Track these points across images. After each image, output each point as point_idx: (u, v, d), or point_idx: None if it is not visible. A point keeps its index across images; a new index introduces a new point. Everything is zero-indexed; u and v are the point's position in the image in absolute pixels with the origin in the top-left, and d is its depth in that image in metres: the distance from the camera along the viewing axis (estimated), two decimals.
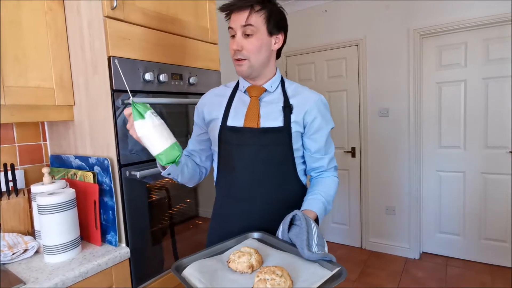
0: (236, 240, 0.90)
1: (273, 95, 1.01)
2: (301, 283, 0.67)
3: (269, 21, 0.92)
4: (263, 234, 0.91)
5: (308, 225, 0.79)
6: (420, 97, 2.78)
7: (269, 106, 0.99)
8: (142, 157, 1.21)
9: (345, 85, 3.08)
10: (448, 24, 2.55)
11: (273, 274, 0.66)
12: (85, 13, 1.12)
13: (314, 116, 0.98)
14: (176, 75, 1.32)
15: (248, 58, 0.93)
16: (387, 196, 2.97)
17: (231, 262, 0.76)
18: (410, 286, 2.43)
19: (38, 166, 1.36)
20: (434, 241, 2.88)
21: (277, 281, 0.65)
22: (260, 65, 0.96)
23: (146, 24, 1.20)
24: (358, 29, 2.92)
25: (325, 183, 1.01)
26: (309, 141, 1.00)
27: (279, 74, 1.04)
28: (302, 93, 1.01)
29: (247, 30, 0.91)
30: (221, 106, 1.03)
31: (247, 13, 0.90)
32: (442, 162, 2.78)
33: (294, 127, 0.97)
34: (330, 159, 1.04)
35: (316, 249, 0.75)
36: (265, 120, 0.96)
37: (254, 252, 0.78)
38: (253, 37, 0.92)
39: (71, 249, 1.05)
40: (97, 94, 1.14)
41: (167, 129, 0.80)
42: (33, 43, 1.10)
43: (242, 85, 1.03)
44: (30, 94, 1.10)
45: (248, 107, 0.99)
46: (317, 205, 0.94)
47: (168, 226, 1.34)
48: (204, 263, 0.78)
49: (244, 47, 0.92)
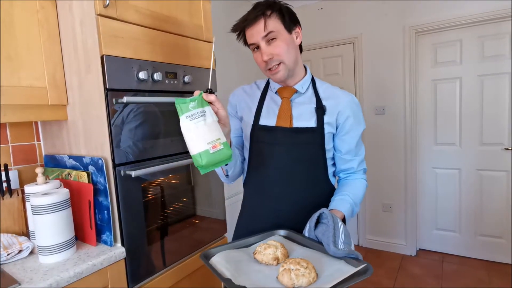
0: (262, 235, 0.92)
1: (304, 96, 1.01)
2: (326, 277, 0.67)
3: (284, 19, 0.93)
4: (290, 232, 0.92)
5: (335, 223, 0.79)
6: (416, 94, 2.79)
7: (301, 107, 0.99)
8: (137, 156, 1.21)
9: (341, 83, 3.08)
10: (443, 21, 2.55)
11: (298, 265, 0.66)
12: (77, 11, 1.11)
13: (347, 116, 0.98)
14: (170, 74, 1.32)
15: (281, 61, 0.94)
16: (383, 193, 2.98)
17: (257, 254, 0.78)
18: (407, 282, 2.44)
19: (32, 166, 1.35)
20: (430, 238, 2.90)
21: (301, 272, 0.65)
22: (293, 64, 0.97)
23: (139, 22, 1.19)
24: (354, 26, 2.92)
25: (353, 185, 1.01)
26: (340, 142, 1.00)
27: (309, 74, 1.05)
28: (334, 94, 1.01)
29: (270, 36, 0.92)
30: (251, 105, 1.06)
31: (262, 22, 0.91)
32: (438, 159, 2.79)
33: (327, 128, 0.97)
34: (360, 161, 1.03)
35: (343, 246, 0.75)
36: (298, 121, 0.98)
37: (280, 246, 0.79)
38: (277, 40, 0.92)
39: (66, 250, 1.04)
40: (91, 93, 1.13)
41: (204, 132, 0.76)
42: (25, 42, 1.09)
43: (273, 86, 1.04)
44: (23, 93, 1.09)
45: (280, 107, 1.00)
46: (344, 205, 0.94)
47: (164, 225, 1.33)
48: (230, 254, 0.81)
49: (274, 53, 0.93)
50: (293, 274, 0.64)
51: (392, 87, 2.82)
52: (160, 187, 1.33)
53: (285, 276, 0.65)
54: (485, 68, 2.52)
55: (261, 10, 0.91)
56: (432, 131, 2.79)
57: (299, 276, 0.64)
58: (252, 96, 1.08)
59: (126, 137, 1.16)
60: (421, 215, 2.91)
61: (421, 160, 2.87)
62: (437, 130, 2.77)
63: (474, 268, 2.58)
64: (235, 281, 0.68)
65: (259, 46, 0.93)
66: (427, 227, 2.90)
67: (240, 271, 0.72)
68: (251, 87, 1.12)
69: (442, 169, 2.79)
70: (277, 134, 0.98)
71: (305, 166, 0.98)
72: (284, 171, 0.98)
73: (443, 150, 2.76)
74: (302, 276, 0.64)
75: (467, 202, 2.71)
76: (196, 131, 0.75)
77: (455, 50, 2.61)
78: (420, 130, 2.84)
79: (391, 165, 2.92)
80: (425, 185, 2.87)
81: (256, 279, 0.69)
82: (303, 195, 0.98)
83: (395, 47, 2.76)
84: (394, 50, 2.77)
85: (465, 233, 2.74)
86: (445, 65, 2.66)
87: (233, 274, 0.70)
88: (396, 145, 2.87)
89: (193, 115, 0.76)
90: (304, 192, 0.99)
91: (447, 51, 2.64)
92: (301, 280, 0.64)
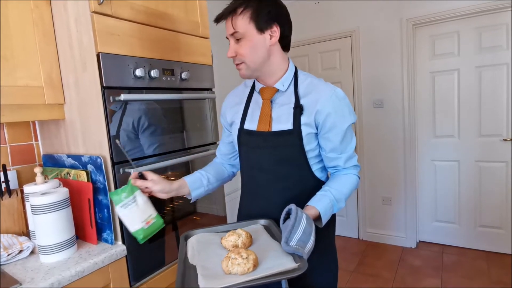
0: (247, 223, 0.99)
1: (285, 95, 0.99)
2: (263, 269, 0.72)
3: (256, 19, 0.89)
4: (270, 222, 0.97)
5: (296, 219, 0.79)
6: (414, 87, 2.79)
7: (281, 108, 0.98)
8: (135, 154, 1.20)
9: (339, 77, 3.07)
10: (440, 13, 2.54)
11: (238, 254, 0.72)
12: (72, 9, 1.10)
13: (327, 114, 0.93)
14: (167, 71, 1.31)
15: (243, 61, 0.94)
16: (383, 187, 2.99)
17: (223, 239, 0.86)
18: (407, 274, 2.46)
19: (30, 166, 1.34)
20: (430, 230, 2.91)
21: (238, 261, 0.71)
22: (259, 65, 0.94)
23: (135, 19, 1.18)
24: (351, 20, 2.90)
25: (340, 180, 0.98)
26: (323, 141, 0.97)
27: (292, 69, 1.00)
28: (314, 90, 0.96)
29: (236, 36, 0.91)
30: (240, 108, 1.07)
31: (230, 20, 0.90)
32: (436, 151, 2.80)
33: (306, 129, 0.94)
34: (347, 158, 0.99)
35: (295, 243, 0.76)
36: (277, 123, 0.97)
37: (245, 235, 0.85)
38: (243, 41, 0.91)
39: (67, 249, 1.04)
40: (88, 92, 1.12)
41: (137, 212, 0.93)
42: (20, 42, 1.08)
43: (257, 86, 1.04)
44: (19, 93, 1.08)
45: (261, 110, 1.00)
46: (323, 202, 0.92)
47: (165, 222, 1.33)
48: (206, 236, 0.90)
49: (237, 52, 0.93)
50: (230, 262, 0.72)
51: (390, 80, 2.82)
52: None
53: (224, 263, 0.73)
54: (482, 60, 2.52)
55: (234, 6, 0.89)
56: (430, 124, 2.79)
57: (234, 265, 0.71)
58: (241, 97, 1.09)
59: (124, 135, 1.15)
60: (421, 207, 2.92)
61: (420, 152, 2.87)
62: (436, 123, 2.77)
63: (473, 258, 2.59)
64: (190, 260, 0.78)
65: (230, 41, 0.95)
66: (427, 219, 2.91)
67: (202, 252, 0.80)
68: (241, 88, 1.13)
69: (441, 161, 2.79)
70: (258, 139, 0.99)
71: (289, 167, 0.98)
72: (269, 172, 1.00)
73: (442, 142, 2.77)
74: (238, 265, 0.70)
75: (466, 193, 2.72)
76: (131, 215, 0.92)
77: (452, 42, 2.60)
78: (419, 123, 2.84)
79: (390, 158, 2.92)
80: (424, 177, 2.88)
81: (209, 261, 0.77)
82: (290, 194, 0.99)
83: (392, 40, 2.75)
84: (392, 43, 2.76)
85: (465, 224, 2.75)
86: (443, 57, 2.66)
87: (193, 254, 0.79)
88: (395, 138, 2.87)
89: (126, 203, 0.92)
90: (291, 191, 0.99)
91: (444, 43, 2.63)
92: (235, 269, 0.70)
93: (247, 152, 1.04)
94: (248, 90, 1.08)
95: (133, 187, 0.94)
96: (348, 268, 2.63)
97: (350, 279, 2.47)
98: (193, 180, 1.08)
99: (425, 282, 2.34)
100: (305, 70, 3.22)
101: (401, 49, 2.72)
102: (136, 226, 0.92)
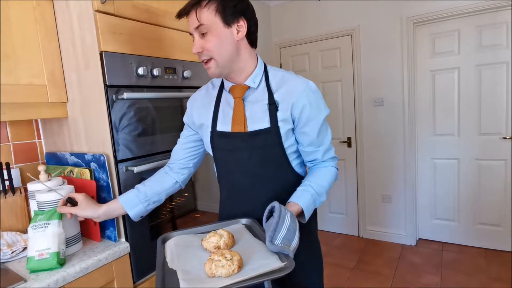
0: (227, 223, 0.94)
1: (257, 92, 0.95)
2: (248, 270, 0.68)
3: (223, 11, 0.85)
4: (252, 222, 0.93)
5: (280, 217, 0.77)
6: (414, 85, 2.79)
7: (254, 106, 0.94)
8: (138, 152, 1.21)
9: (339, 75, 3.08)
10: (440, 11, 2.54)
11: (221, 256, 0.69)
12: (75, 7, 1.10)
13: (302, 106, 0.91)
14: (169, 69, 1.31)
15: (212, 57, 0.88)
16: (383, 184, 3.00)
17: (204, 241, 0.81)
18: (407, 271, 2.48)
19: (33, 164, 1.35)
20: (429, 227, 2.93)
21: (222, 263, 0.68)
22: (228, 61, 0.90)
23: (137, 18, 1.19)
24: (352, 18, 2.90)
25: (319, 173, 0.98)
26: (300, 135, 0.95)
27: (261, 65, 0.97)
28: (287, 84, 0.93)
29: (202, 29, 0.86)
30: (210, 109, 1.00)
31: (194, 13, 0.86)
32: (436, 149, 2.81)
33: (284, 126, 0.92)
34: (325, 151, 0.99)
35: (280, 241, 0.74)
36: (252, 123, 0.93)
37: (227, 235, 0.81)
38: (209, 35, 0.86)
39: (72, 245, 1.05)
40: (90, 90, 1.13)
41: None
42: (22, 40, 1.09)
43: (226, 85, 0.98)
44: (22, 91, 1.08)
45: (233, 110, 0.95)
46: (304, 197, 0.91)
47: (167, 220, 1.34)
48: (184, 239, 0.84)
49: (203, 47, 0.87)
50: (213, 264, 0.68)
51: (390, 79, 2.82)
52: None
53: (207, 265, 0.69)
54: (482, 58, 2.52)
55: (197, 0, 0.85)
56: (430, 122, 2.80)
57: (218, 268, 0.67)
58: (209, 98, 1.03)
59: (125, 134, 1.16)
60: (421, 205, 2.94)
61: (420, 150, 2.88)
62: (436, 121, 2.78)
63: (473, 256, 2.61)
64: (170, 265, 0.73)
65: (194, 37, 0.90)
66: (427, 216, 2.93)
67: (181, 256, 0.76)
68: (207, 88, 1.06)
69: (441, 160, 2.80)
70: (235, 140, 0.95)
71: (268, 167, 0.96)
72: (249, 175, 0.96)
73: (442, 141, 2.78)
74: (222, 268, 0.67)
75: (465, 191, 2.73)
76: (34, 239, 0.94)
77: (453, 40, 2.61)
78: (419, 121, 2.85)
79: (390, 156, 2.93)
80: (424, 175, 2.89)
81: (190, 265, 0.72)
82: (272, 195, 0.97)
83: (393, 38, 2.76)
84: (392, 41, 2.76)
85: (464, 222, 2.77)
86: (443, 55, 2.66)
87: (172, 258, 0.74)
88: (395, 136, 2.88)
89: (36, 225, 0.95)
90: (273, 192, 0.97)
91: (445, 41, 2.64)
92: (220, 271, 0.67)
93: (224, 156, 0.99)
94: (216, 90, 1.02)
95: (54, 215, 0.97)
96: (348, 265, 2.65)
97: (350, 276, 2.49)
98: (126, 200, 1.01)
99: (424, 279, 2.36)
100: (305, 68, 3.23)
101: (401, 47, 2.73)
102: (31, 252, 0.94)
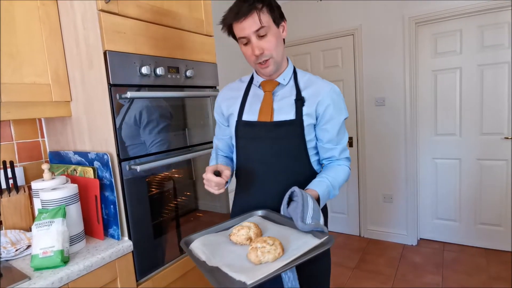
0: (242, 217, 0.96)
1: (286, 89, 1.03)
2: (292, 251, 0.71)
3: (273, 13, 0.93)
4: (267, 212, 0.96)
5: (304, 200, 0.81)
6: (416, 85, 2.79)
7: (282, 100, 1.01)
8: (141, 151, 1.21)
9: (341, 75, 3.08)
10: (442, 11, 2.54)
11: (264, 242, 0.71)
12: (79, 7, 1.11)
13: (327, 105, 0.98)
14: (172, 69, 1.32)
15: (271, 56, 0.95)
16: (384, 184, 3.00)
17: (232, 235, 0.83)
18: (408, 271, 2.48)
19: (37, 163, 1.36)
20: (431, 227, 2.93)
21: (267, 249, 0.69)
22: (281, 58, 0.98)
23: (140, 17, 1.19)
24: (353, 18, 2.90)
25: (334, 169, 1.03)
26: (321, 132, 1.01)
27: (291, 66, 1.05)
28: (314, 84, 1.02)
29: (262, 32, 0.91)
30: (237, 101, 1.07)
31: (256, 16, 0.89)
32: (438, 149, 2.81)
33: (307, 120, 0.98)
34: (341, 150, 1.04)
35: (310, 221, 0.79)
36: (278, 114, 0.99)
37: (254, 226, 0.83)
38: (268, 35, 0.93)
39: (76, 243, 1.06)
40: (94, 89, 1.13)
41: None
42: (26, 39, 1.09)
43: (257, 80, 1.05)
44: (26, 90, 1.09)
45: (262, 101, 1.02)
46: (321, 186, 0.96)
47: (169, 219, 1.35)
48: (208, 238, 0.86)
49: (264, 48, 0.93)
50: (259, 251, 0.69)
51: (392, 78, 2.82)
52: (163, 182, 1.34)
53: (252, 254, 0.70)
54: (484, 58, 2.52)
55: (253, 4, 0.89)
56: (432, 122, 2.80)
57: (265, 253, 0.69)
58: (237, 91, 1.10)
59: (127, 132, 1.17)
60: (422, 205, 2.94)
61: (421, 150, 2.88)
62: (437, 121, 2.78)
63: (473, 256, 2.61)
64: (209, 263, 0.73)
65: (250, 40, 0.93)
66: (428, 216, 2.93)
67: (215, 253, 0.77)
68: (236, 83, 1.14)
69: (443, 159, 2.80)
70: (259, 129, 1.00)
71: (288, 159, 1.00)
72: (267, 165, 1.01)
73: (443, 140, 2.78)
74: (268, 253, 0.69)
75: (467, 191, 2.73)
76: (38, 237, 0.94)
77: (455, 40, 2.60)
78: (420, 121, 2.85)
79: (391, 156, 2.93)
80: (425, 175, 2.89)
81: (229, 259, 0.74)
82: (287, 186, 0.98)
83: (394, 38, 2.76)
84: (394, 41, 2.76)
85: (465, 222, 2.77)
86: (445, 55, 2.66)
87: (208, 257, 0.75)
88: (396, 136, 2.88)
89: (41, 224, 0.95)
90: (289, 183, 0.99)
91: (447, 41, 2.63)
92: (267, 257, 0.68)
93: (245, 144, 1.04)
94: (245, 85, 1.10)
95: (59, 213, 0.97)
96: (349, 265, 2.65)
97: (351, 275, 2.49)
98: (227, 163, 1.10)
99: (425, 278, 2.36)
100: (307, 68, 3.23)
101: (403, 47, 2.73)
102: (36, 250, 0.94)
